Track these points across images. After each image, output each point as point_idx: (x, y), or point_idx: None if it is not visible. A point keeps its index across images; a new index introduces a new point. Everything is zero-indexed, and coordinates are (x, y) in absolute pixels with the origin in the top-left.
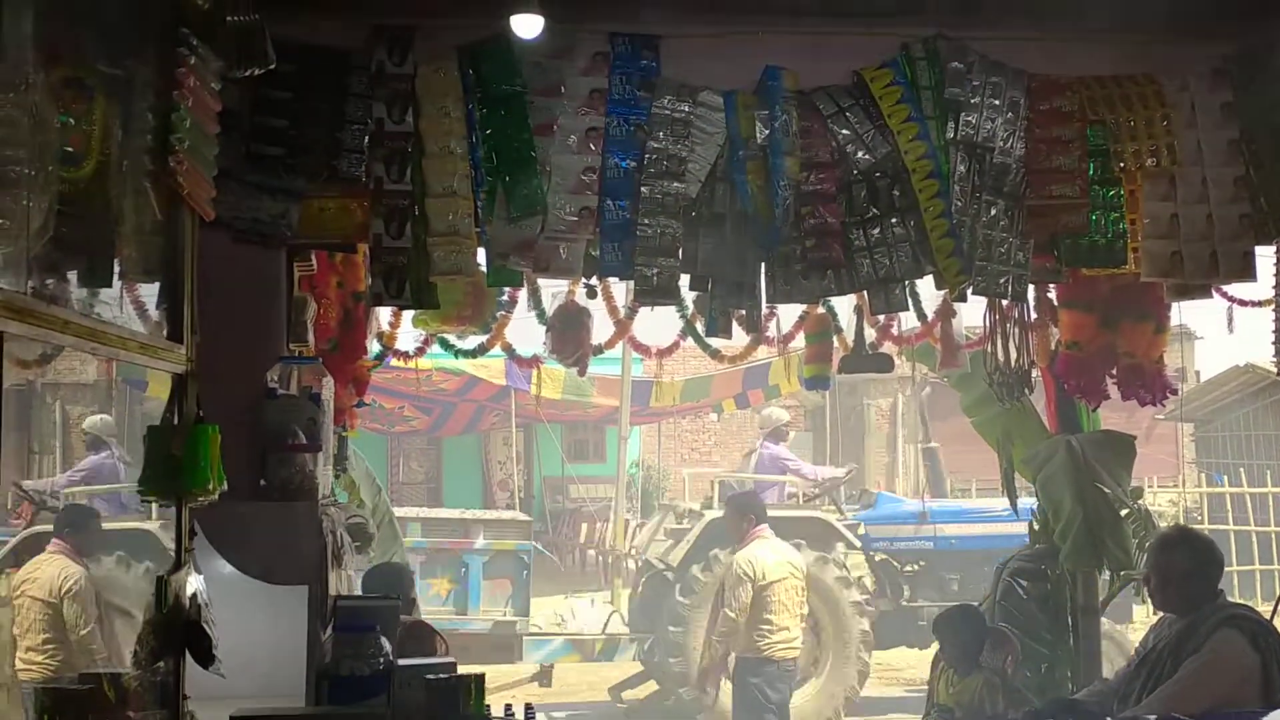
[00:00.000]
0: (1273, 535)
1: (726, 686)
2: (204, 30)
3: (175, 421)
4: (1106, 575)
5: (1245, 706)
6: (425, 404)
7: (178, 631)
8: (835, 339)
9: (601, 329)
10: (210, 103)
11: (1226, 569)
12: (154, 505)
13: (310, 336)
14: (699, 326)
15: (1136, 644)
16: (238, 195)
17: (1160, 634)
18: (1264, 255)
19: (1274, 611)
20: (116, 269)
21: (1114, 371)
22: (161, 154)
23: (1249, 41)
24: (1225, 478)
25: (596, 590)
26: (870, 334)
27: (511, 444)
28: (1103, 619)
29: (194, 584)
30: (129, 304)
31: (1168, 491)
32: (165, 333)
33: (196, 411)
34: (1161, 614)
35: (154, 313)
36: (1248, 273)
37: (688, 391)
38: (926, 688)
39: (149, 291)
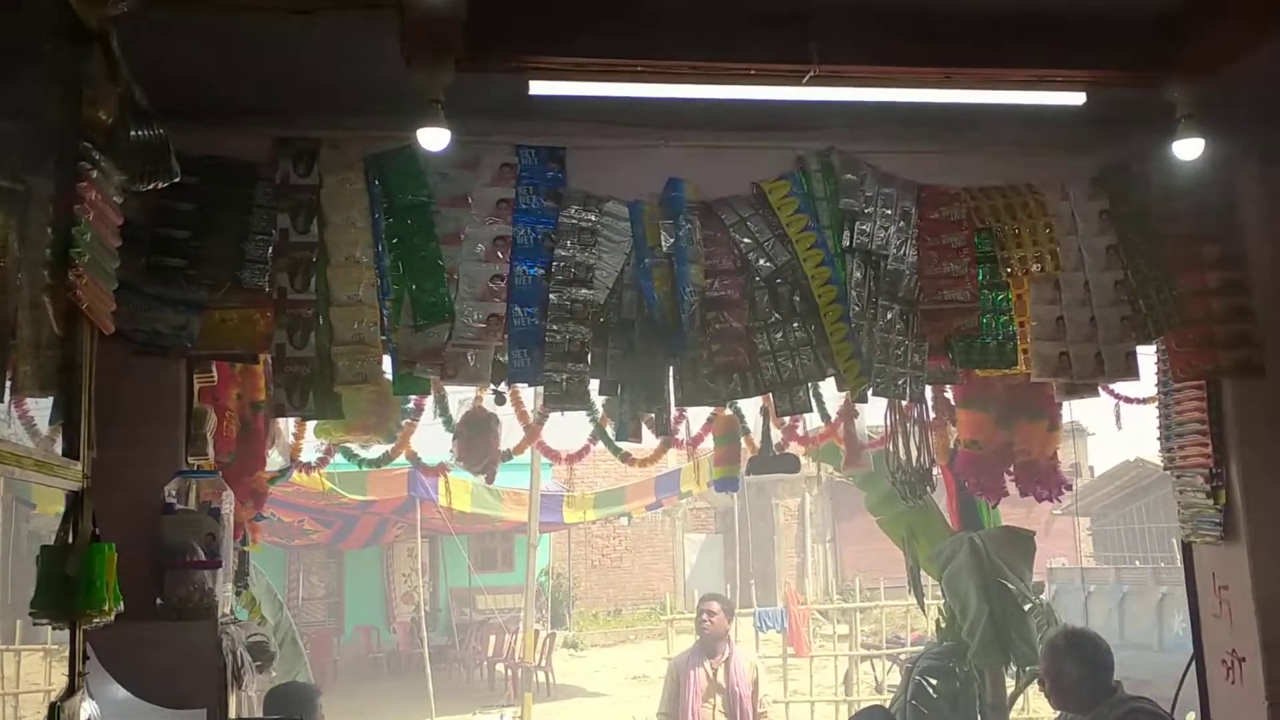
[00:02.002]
0: None
1: None
2: (106, 143)
3: (70, 540)
4: (1012, 671)
5: None
6: (326, 517)
7: None
8: (743, 440)
9: (510, 435)
10: (111, 215)
11: None
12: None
13: (210, 449)
14: (609, 430)
15: None
16: (137, 307)
17: None
18: (1145, 354)
19: (1174, 701)
20: (9, 384)
21: (1011, 469)
22: (60, 268)
23: (1117, 153)
24: (1120, 571)
25: (506, 705)
26: (777, 435)
27: (417, 555)
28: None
29: (87, 710)
30: (17, 420)
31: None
32: (61, 449)
33: (92, 530)
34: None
35: (45, 429)
36: (1131, 372)
37: (601, 503)
38: None
39: (42, 405)
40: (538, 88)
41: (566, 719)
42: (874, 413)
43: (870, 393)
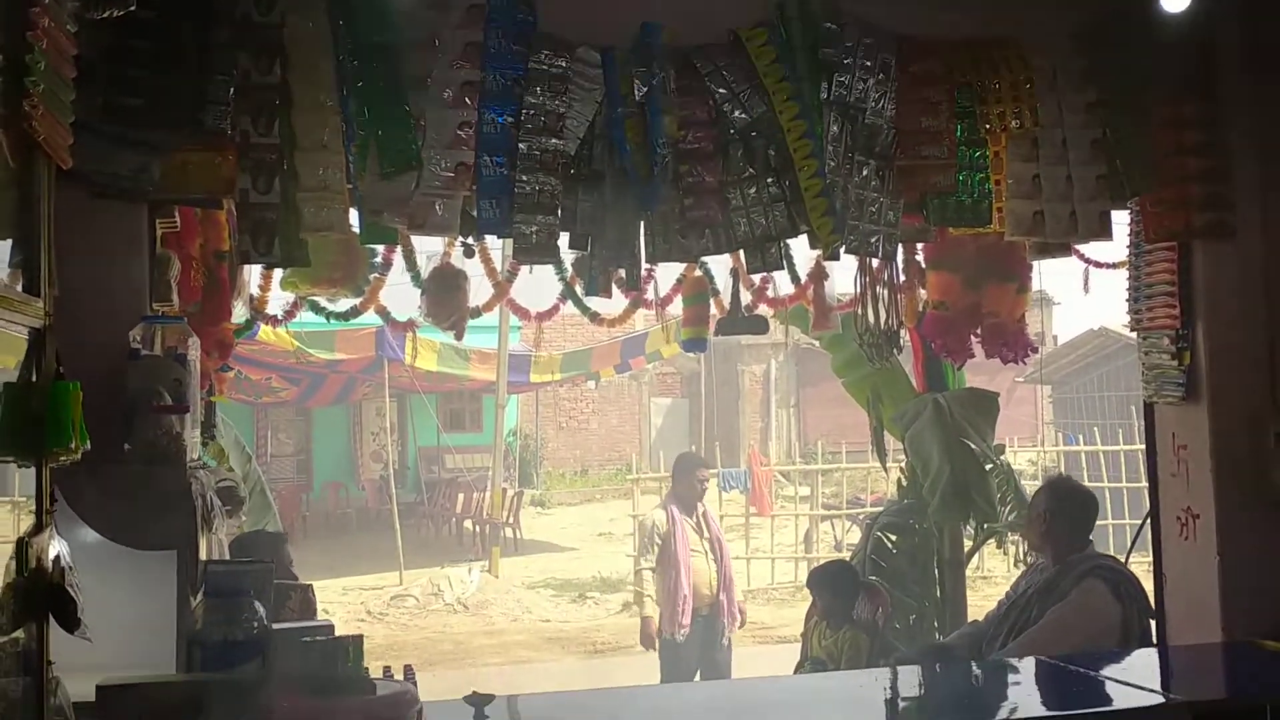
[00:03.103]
0: (1124, 491)
1: None
2: None
3: (33, 379)
4: (970, 529)
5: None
6: (294, 375)
7: (40, 595)
8: (712, 302)
9: (479, 293)
10: (66, 45)
11: None
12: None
13: (174, 296)
14: (578, 289)
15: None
16: (96, 148)
17: (1030, 580)
18: (1120, 223)
19: (1127, 557)
20: None
21: (978, 331)
22: (15, 98)
23: (1099, 8)
24: (1080, 437)
25: (474, 559)
26: (746, 297)
27: (385, 414)
28: None
29: (56, 547)
30: None
31: (1027, 452)
32: (20, 286)
33: (56, 368)
34: (1030, 563)
35: (3, 268)
36: (1105, 232)
37: (568, 364)
38: (800, 642)
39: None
40: None
41: (534, 572)
42: (843, 279)
43: (843, 250)
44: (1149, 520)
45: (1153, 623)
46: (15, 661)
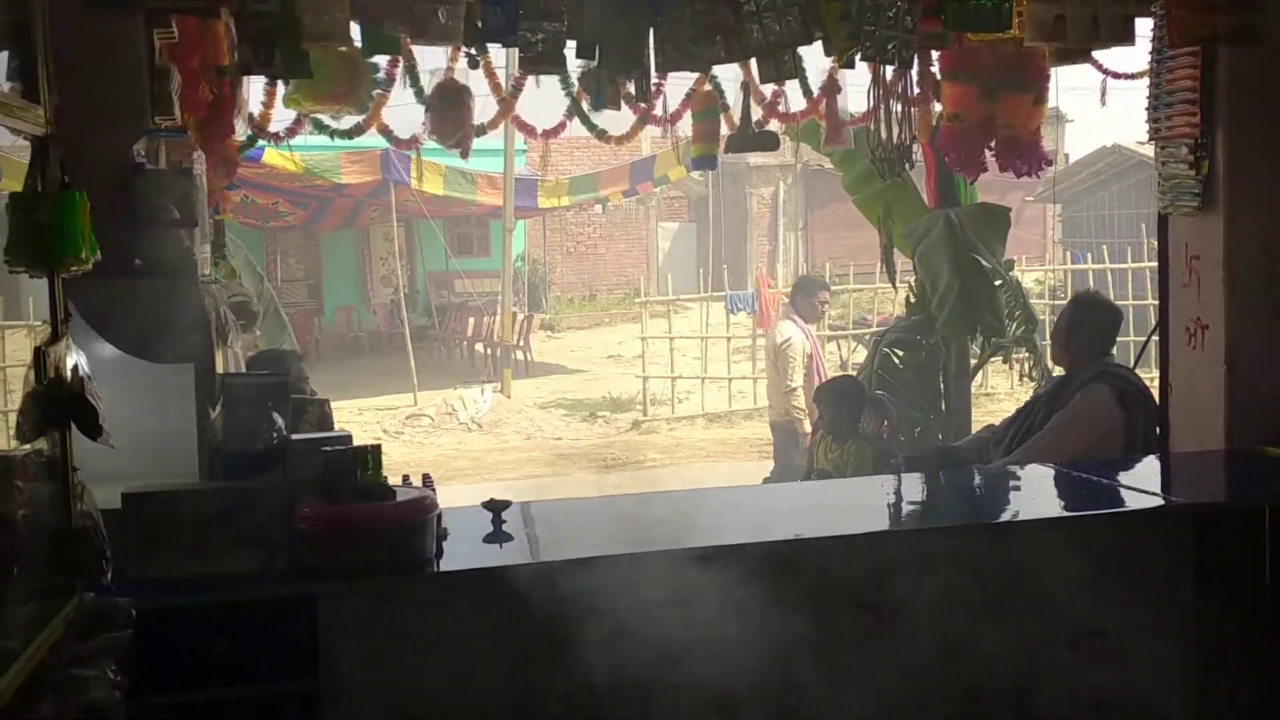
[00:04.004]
0: (1130, 308)
1: None
2: None
3: (39, 189)
4: (977, 346)
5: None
6: (300, 199)
7: (61, 403)
8: (722, 118)
9: (483, 111)
10: None
11: None
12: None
13: (175, 109)
14: (585, 105)
15: None
16: None
17: (1043, 389)
18: (1143, 31)
19: (1136, 360)
20: None
21: (993, 144)
22: None
23: None
24: (1089, 255)
25: (486, 381)
26: (757, 112)
27: (394, 239)
28: None
29: (74, 357)
30: None
31: (1034, 271)
32: (20, 93)
33: (62, 178)
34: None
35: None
36: (1127, 37)
37: (575, 188)
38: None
39: None
40: None
41: (545, 393)
42: (855, 95)
43: (859, 58)
44: (1157, 332)
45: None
46: (41, 469)
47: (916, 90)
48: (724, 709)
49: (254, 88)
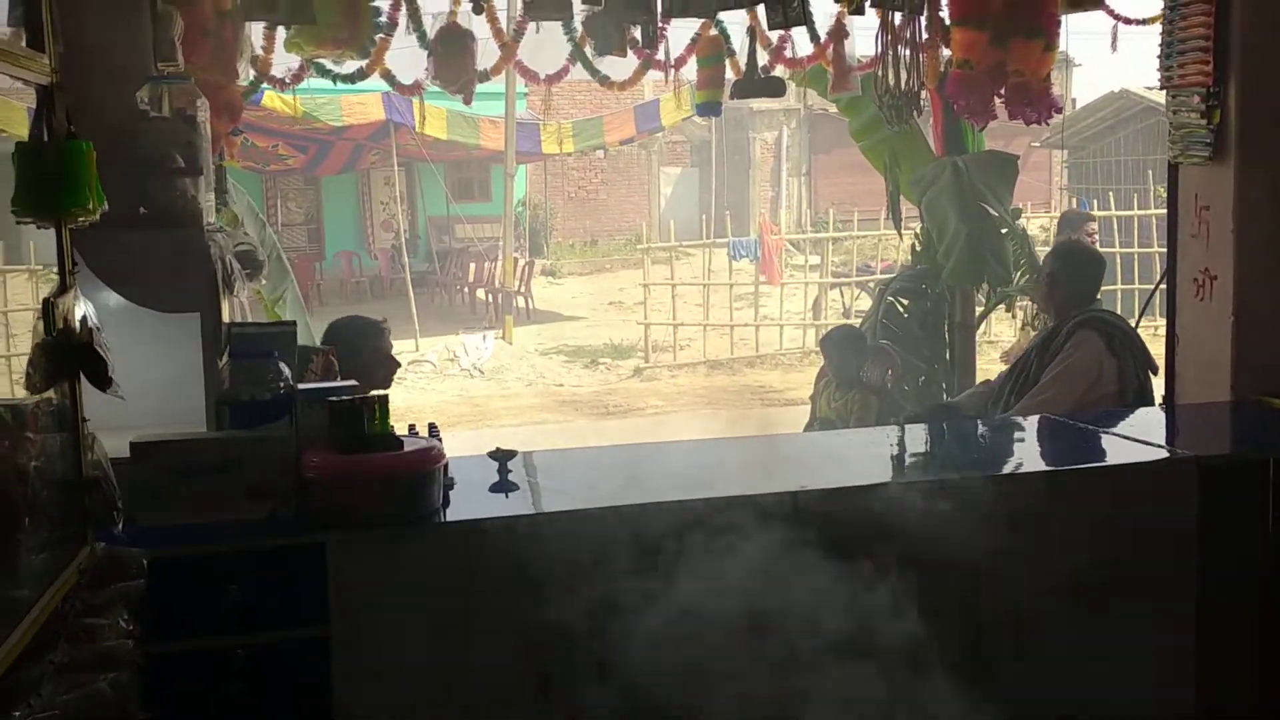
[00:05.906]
0: (1136, 256)
1: None
2: None
3: (44, 139)
4: (984, 293)
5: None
6: (301, 142)
7: (70, 354)
8: (727, 63)
9: (486, 56)
10: None
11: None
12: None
13: (178, 55)
14: (588, 50)
15: None
16: None
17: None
18: None
19: (1138, 320)
20: None
21: (1002, 91)
22: None
23: None
24: (1095, 202)
25: (488, 327)
26: (763, 58)
27: (394, 183)
28: None
29: (82, 308)
30: None
31: (1040, 218)
32: (24, 41)
33: (68, 127)
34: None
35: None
36: None
37: (579, 133)
38: (810, 404)
39: None
40: None
41: (546, 339)
42: (864, 40)
43: (867, 3)
44: (1165, 283)
45: (1154, 378)
46: (52, 419)
47: (925, 36)
48: (727, 655)
49: (254, 33)
